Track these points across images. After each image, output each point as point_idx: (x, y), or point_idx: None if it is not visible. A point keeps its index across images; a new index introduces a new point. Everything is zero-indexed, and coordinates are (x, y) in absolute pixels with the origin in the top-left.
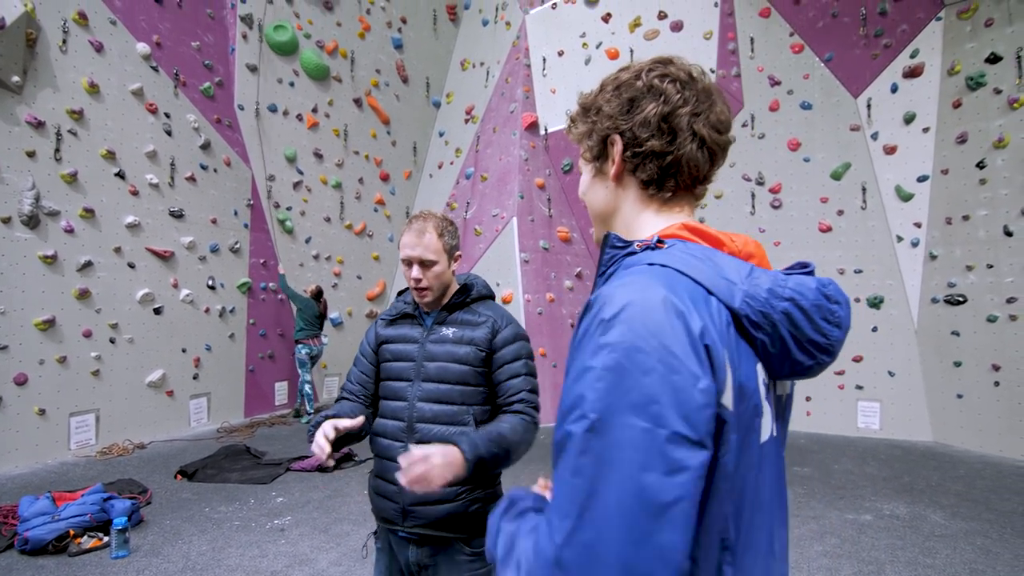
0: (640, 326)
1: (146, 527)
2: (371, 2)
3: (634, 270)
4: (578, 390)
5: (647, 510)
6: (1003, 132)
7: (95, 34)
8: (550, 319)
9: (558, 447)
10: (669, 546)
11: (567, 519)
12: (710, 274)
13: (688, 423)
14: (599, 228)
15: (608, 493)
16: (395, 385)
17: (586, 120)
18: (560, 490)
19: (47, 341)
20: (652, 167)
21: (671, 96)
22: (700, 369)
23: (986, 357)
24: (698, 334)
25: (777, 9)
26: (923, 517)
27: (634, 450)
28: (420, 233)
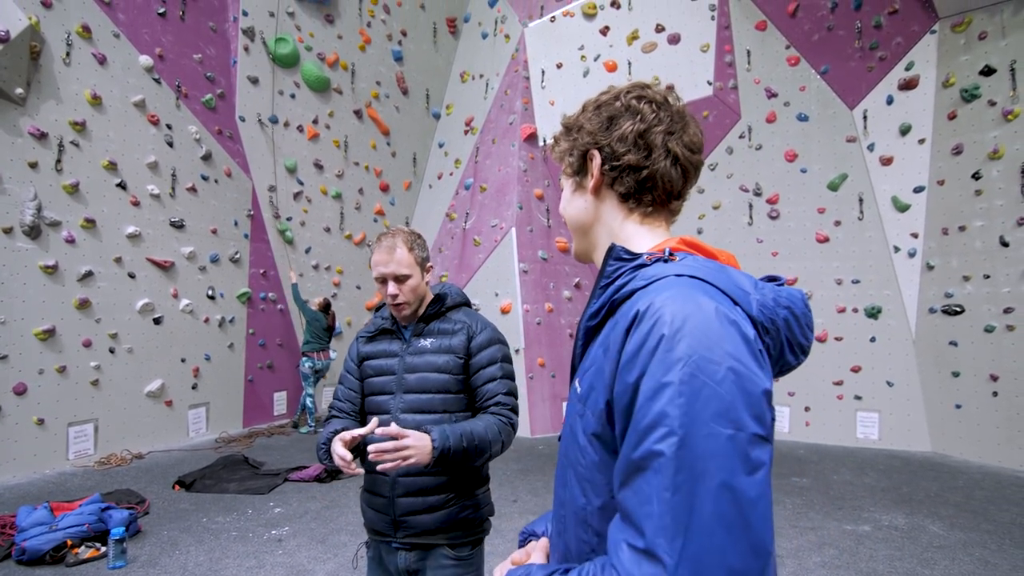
0: (704, 337)
1: (144, 537)
2: (372, 15)
3: (666, 282)
4: (657, 408)
5: (741, 511)
6: (998, 143)
7: (98, 47)
8: (549, 329)
9: (636, 467)
10: (761, 540)
11: (677, 538)
12: (730, 285)
13: (760, 423)
14: (580, 240)
15: (706, 503)
16: (378, 399)
17: (568, 138)
18: (659, 509)
19: (47, 351)
20: (629, 180)
21: (647, 115)
22: (761, 372)
23: (984, 367)
24: (753, 339)
25: (773, 22)
26: (922, 528)
27: (724, 457)
28: (391, 250)
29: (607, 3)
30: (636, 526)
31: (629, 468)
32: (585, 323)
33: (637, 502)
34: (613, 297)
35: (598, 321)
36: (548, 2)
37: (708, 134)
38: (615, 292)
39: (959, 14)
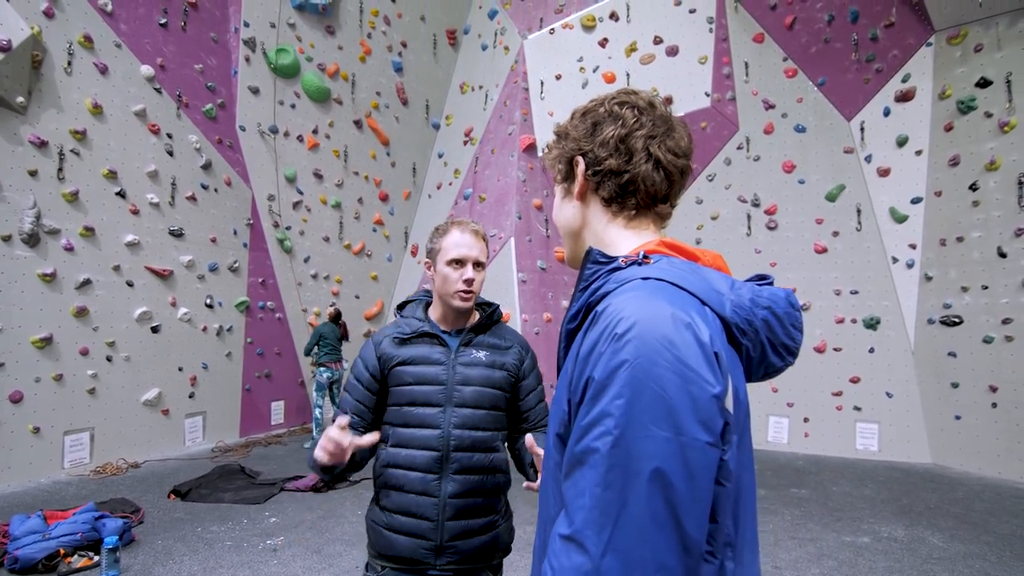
0: (653, 340)
1: (137, 547)
2: (372, 26)
3: (631, 285)
4: (599, 407)
5: (673, 510)
6: (995, 155)
7: (100, 56)
8: (547, 339)
9: (576, 461)
10: (694, 541)
11: (604, 530)
12: (701, 286)
13: (705, 428)
14: (570, 244)
15: (638, 501)
16: (422, 412)
17: (558, 145)
18: (590, 503)
19: (44, 359)
20: (611, 184)
21: (628, 120)
22: (713, 377)
23: (983, 378)
24: (708, 343)
25: (771, 35)
26: (921, 539)
27: (659, 459)
28: (476, 234)
29: (606, 15)
30: (569, 516)
31: (571, 461)
32: (566, 326)
33: (573, 494)
34: (589, 300)
35: (577, 324)
36: (547, 14)
37: (706, 145)
38: (591, 295)
39: (955, 27)
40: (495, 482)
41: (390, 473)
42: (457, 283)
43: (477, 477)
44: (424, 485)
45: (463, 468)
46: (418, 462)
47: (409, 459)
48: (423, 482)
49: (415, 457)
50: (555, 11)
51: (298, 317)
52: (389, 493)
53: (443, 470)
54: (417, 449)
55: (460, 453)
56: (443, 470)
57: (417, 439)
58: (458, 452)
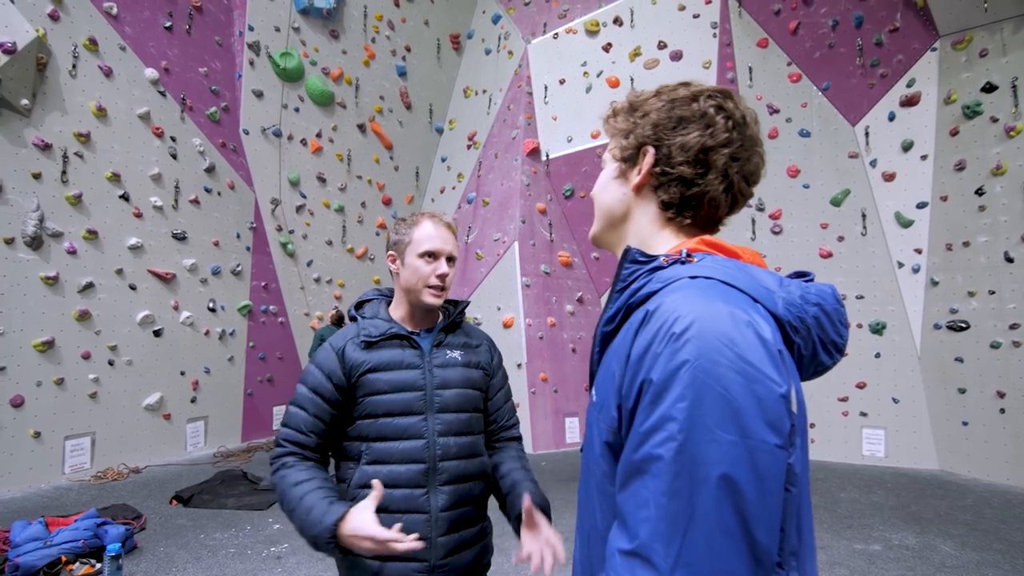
0: (713, 339)
1: (140, 554)
2: (376, 31)
3: (679, 284)
4: (660, 411)
5: (743, 520)
6: (1001, 159)
7: (104, 59)
8: (551, 344)
9: (635, 469)
10: (765, 551)
11: (673, 543)
12: (751, 284)
13: (773, 430)
14: (605, 229)
15: (707, 510)
16: (402, 422)
17: (630, 118)
18: (656, 514)
19: (45, 362)
20: (675, 191)
21: (718, 131)
22: (778, 376)
23: (991, 384)
24: (771, 341)
25: (775, 40)
26: (933, 547)
27: (727, 464)
28: (449, 227)
29: (610, 20)
30: (630, 530)
31: (628, 471)
32: (601, 329)
33: (634, 505)
34: (629, 301)
35: (614, 326)
36: (551, 19)
37: None
38: (631, 296)
39: (960, 32)
40: (481, 488)
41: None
42: (430, 277)
43: (466, 485)
44: (411, 502)
45: (452, 478)
46: (402, 478)
47: (391, 475)
48: (410, 499)
49: (398, 473)
50: (559, 16)
51: (301, 321)
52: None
53: (431, 483)
54: (399, 463)
55: (448, 462)
56: (431, 483)
57: (398, 452)
58: (445, 461)
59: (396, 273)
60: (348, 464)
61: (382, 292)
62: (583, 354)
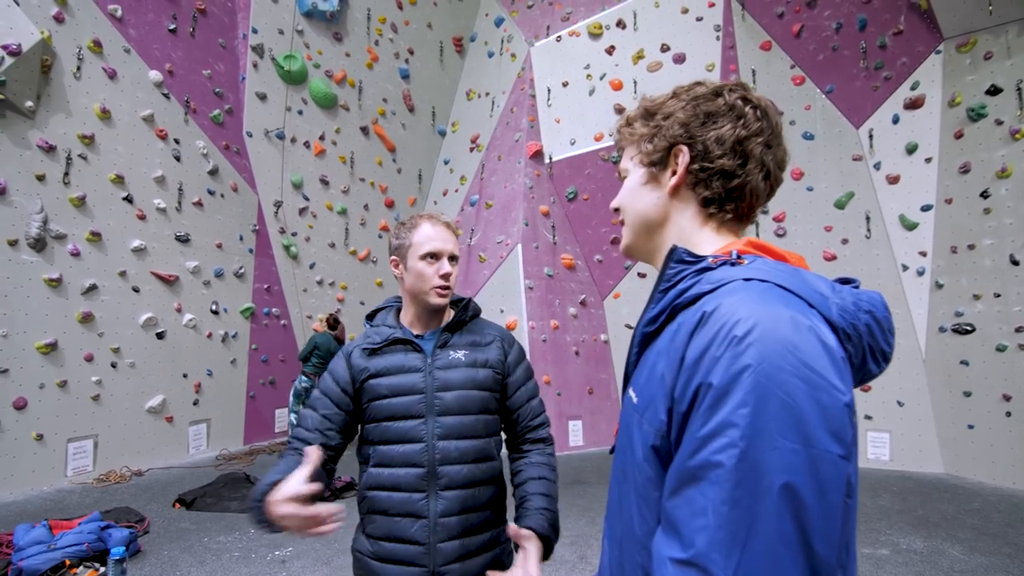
0: (776, 344)
1: (143, 557)
2: (380, 33)
3: (733, 286)
4: (720, 416)
5: (804, 532)
6: (1006, 162)
7: (109, 61)
8: (554, 346)
9: (690, 476)
10: (824, 563)
11: (733, 554)
12: (806, 288)
13: (837, 439)
14: (639, 236)
15: (768, 520)
16: (402, 426)
17: (649, 123)
18: (715, 523)
19: (48, 365)
20: (718, 185)
21: (751, 121)
22: (842, 383)
23: (996, 387)
24: (834, 347)
25: (778, 42)
26: (941, 551)
27: (789, 473)
28: (449, 227)
29: (613, 23)
30: (684, 539)
31: (683, 476)
32: (642, 329)
33: (688, 513)
34: (675, 302)
35: (657, 327)
36: (554, 22)
37: None
38: (677, 296)
39: (964, 34)
40: (492, 494)
41: (374, 496)
42: (433, 278)
43: (469, 491)
44: (410, 506)
45: (453, 483)
46: (402, 481)
47: (392, 479)
48: (408, 503)
49: (398, 476)
50: (562, 19)
51: (303, 324)
52: (374, 518)
53: (429, 487)
54: (400, 467)
55: (447, 467)
56: (429, 487)
57: (399, 456)
58: (445, 466)
59: (400, 278)
60: (363, 468)
61: (398, 300)
62: (586, 357)
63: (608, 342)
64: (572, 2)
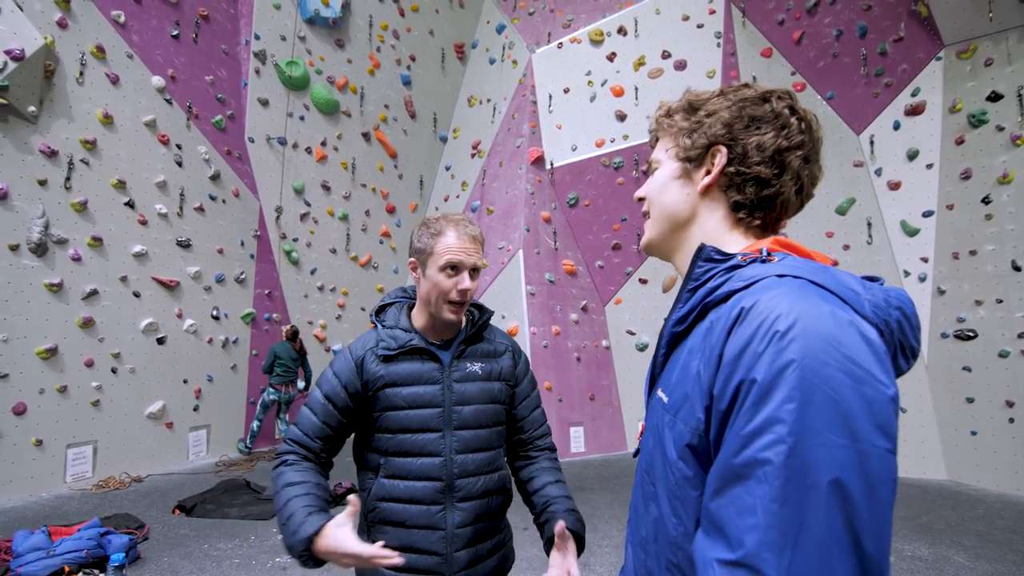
0: (818, 338)
1: (143, 564)
2: (381, 40)
3: (768, 283)
4: (766, 413)
5: (853, 530)
6: (1007, 168)
7: (112, 67)
8: (555, 352)
9: (736, 475)
10: (874, 562)
11: (784, 553)
12: (838, 285)
13: (884, 433)
14: (663, 231)
15: (817, 518)
16: (419, 439)
17: (691, 118)
18: (766, 522)
19: (48, 370)
20: (751, 192)
21: (794, 133)
22: (886, 377)
23: (999, 393)
24: (876, 341)
25: (779, 49)
26: (946, 558)
27: (837, 469)
28: (476, 239)
29: (614, 30)
30: (732, 539)
31: (727, 475)
32: (671, 329)
33: (735, 512)
34: (705, 300)
35: (686, 326)
36: (555, 29)
37: None
38: (708, 294)
39: (964, 41)
40: (500, 502)
41: (386, 508)
42: (451, 292)
43: (483, 501)
44: (428, 518)
45: (469, 495)
46: (419, 494)
47: (409, 491)
48: (427, 515)
49: (415, 489)
50: (563, 26)
51: (304, 330)
52: (386, 529)
53: (447, 500)
54: (417, 480)
55: (464, 480)
56: (447, 500)
57: (416, 469)
58: (462, 479)
59: (417, 282)
60: (368, 475)
61: (406, 292)
62: (587, 363)
63: (609, 348)
64: (573, 9)
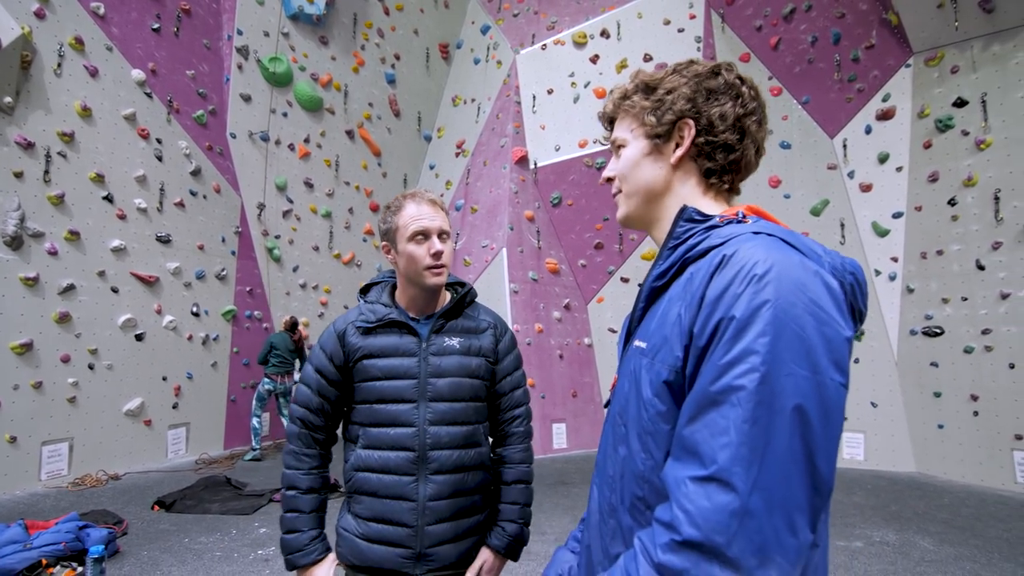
0: (789, 283)
1: (122, 558)
2: (366, 38)
3: (746, 237)
4: (742, 345)
5: (809, 450)
6: (972, 171)
7: (90, 59)
8: (539, 349)
9: (711, 401)
10: (824, 480)
11: (752, 467)
12: (804, 245)
13: (838, 368)
14: (639, 204)
15: (781, 438)
16: (393, 409)
17: (651, 97)
18: (737, 439)
19: (23, 366)
20: (720, 158)
21: (747, 100)
22: (843, 320)
23: (964, 388)
24: (836, 288)
25: (756, 55)
26: (912, 543)
27: (800, 396)
28: (434, 203)
29: (597, 32)
30: (705, 457)
31: (703, 402)
32: (651, 284)
33: (709, 434)
34: (685, 255)
35: (665, 281)
36: (539, 31)
37: None
38: (687, 251)
39: (932, 49)
40: (480, 479)
41: (362, 477)
42: (425, 258)
43: (459, 476)
44: (400, 489)
45: (442, 468)
46: (392, 464)
47: (382, 461)
48: (399, 485)
49: (388, 459)
50: (547, 28)
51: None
52: (361, 499)
53: (420, 471)
54: (390, 450)
55: (438, 452)
56: (420, 471)
57: (389, 439)
58: (435, 451)
59: (394, 262)
60: (350, 446)
61: (393, 275)
62: (570, 360)
63: (592, 346)
64: (557, 11)
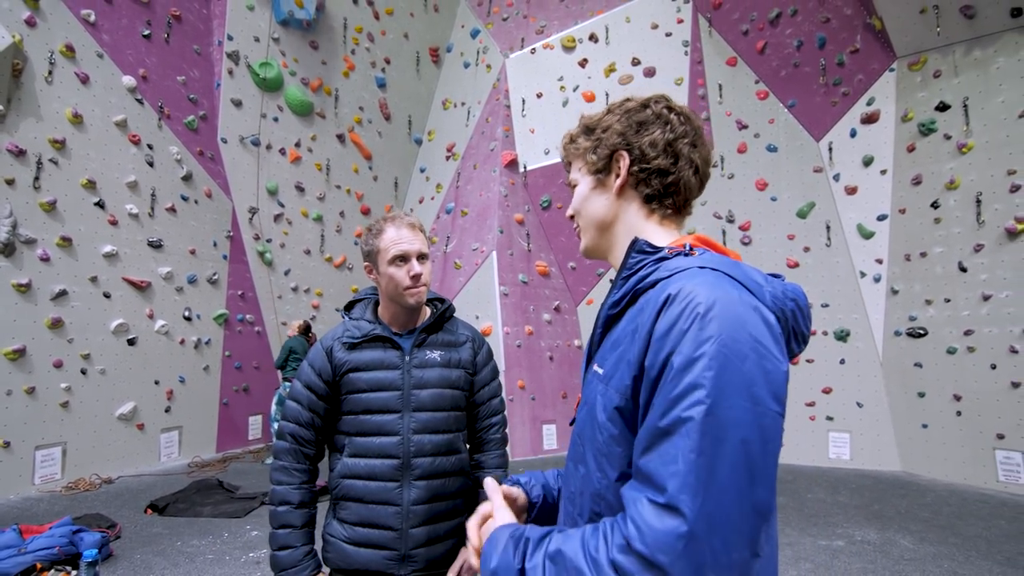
0: (731, 319)
1: (116, 561)
2: (356, 43)
3: (691, 272)
4: (689, 379)
5: (751, 476)
6: (954, 174)
7: (81, 66)
8: (528, 352)
9: (662, 433)
10: (764, 502)
11: (698, 495)
12: (746, 277)
13: (776, 400)
14: (594, 236)
15: (724, 467)
16: (379, 419)
17: (590, 137)
18: (684, 469)
19: (16, 371)
20: (656, 183)
21: (676, 125)
22: (780, 354)
23: (948, 388)
24: (774, 324)
25: (743, 59)
26: (893, 542)
27: (742, 427)
28: (413, 227)
29: (586, 37)
30: (658, 485)
31: (655, 434)
32: (606, 311)
33: (661, 463)
34: (636, 287)
35: (619, 310)
36: (529, 35)
37: None
38: (638, 282)
39: (915, 53)
40: (460, 484)
41: (348, 484)
42: (405, 280)
43: (440, 481)
44: (386, 494)
45: (425, 473)
46: (377, 471)
47: (368, 468)
48: (384, 491)
49: (374, 466)
50: (536, 32)
51: (277, 331)
52: (348, 505)
53: (404, 477)
54: (376, 458)
55: (421, 459)
56: (404, 477)
57: (375, 447)
58: (419, 458)
59: (377, 281)
60: (335, 455)
61: (375, 292)
62: (560, 362)
63: (582, 347)
64: (546, 16)
